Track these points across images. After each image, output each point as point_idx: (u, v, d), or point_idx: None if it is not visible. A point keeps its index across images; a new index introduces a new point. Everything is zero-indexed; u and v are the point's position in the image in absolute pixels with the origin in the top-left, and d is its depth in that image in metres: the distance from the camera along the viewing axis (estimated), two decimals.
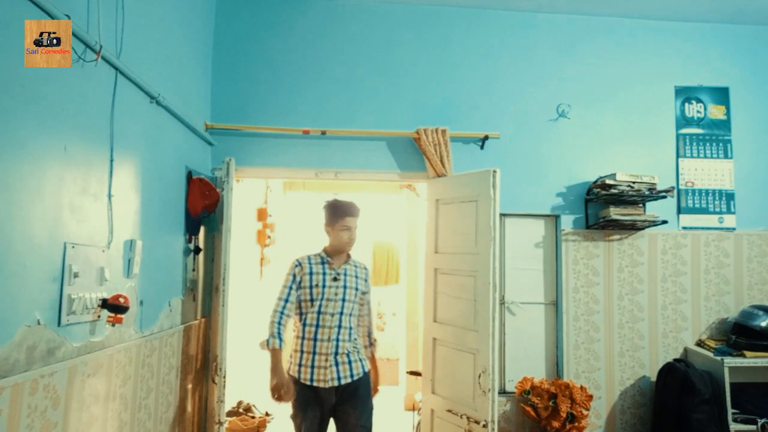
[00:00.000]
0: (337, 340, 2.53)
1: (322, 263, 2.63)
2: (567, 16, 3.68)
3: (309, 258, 2.65)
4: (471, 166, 3.41)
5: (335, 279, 2.59)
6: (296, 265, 2.62)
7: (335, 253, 2.66)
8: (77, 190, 1.74)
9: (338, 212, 2.61)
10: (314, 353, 2.51)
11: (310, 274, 2.59)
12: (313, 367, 2.51)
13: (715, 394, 3.09)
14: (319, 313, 2.54)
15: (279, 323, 2.50)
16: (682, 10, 3.62)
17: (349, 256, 2.71)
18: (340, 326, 2.54)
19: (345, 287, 2.59)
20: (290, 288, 2.58)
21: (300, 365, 2.53)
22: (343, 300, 2.57)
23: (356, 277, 2.67)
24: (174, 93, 2.61)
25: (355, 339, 2.63)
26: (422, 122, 3.44)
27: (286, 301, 2.56)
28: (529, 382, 3.25)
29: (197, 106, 3.15)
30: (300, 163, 3.43)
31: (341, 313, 2.56)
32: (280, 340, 2.48)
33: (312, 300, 2.56)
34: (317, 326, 2.52)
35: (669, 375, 3.26)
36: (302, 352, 2.54)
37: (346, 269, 2.65)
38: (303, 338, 2.55)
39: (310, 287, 2.57)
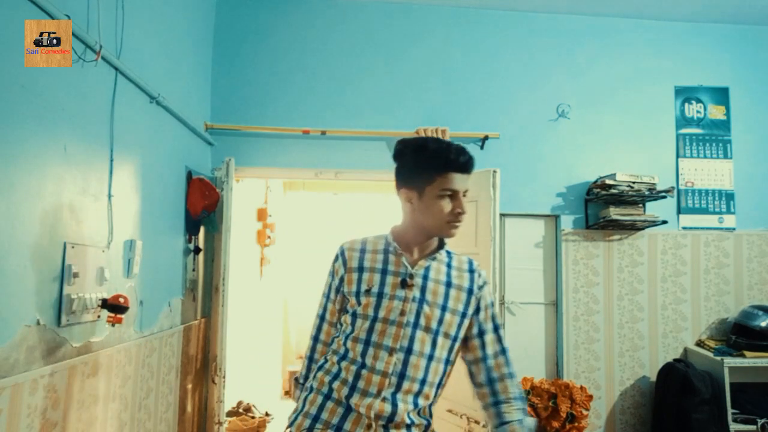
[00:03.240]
0: (395, 400, 1.30)
1: (385, 252, 1.41)
2: (567, 16, 3.68)
3: (363, 243, 1.45)
4: None
5: (405, 284, 1.35)
6: (338, 255, 1.46)
7: (415, 239, 1.40)
8: (77, 190, 1.74)
9: (437, 160, 1.33)
10: (347, 408, 1.33)
11: (360, 270, 1.40)
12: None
13: (715, 395, 3.09)
14: (367, 343, 1.34)
15: (310, 359, 1.50)
16: (683, 10, 3.62)
17: (441, 246, 1.44)
18: (403, 376, 1.31)
19: (423, 302, 1.34)
20: (327, 297, 1.48)
21: (313, 419, 1.35)
22: (416, 325, 1.33)
23: (451, 286, 1.39)
24: (174, 93, 2.61)
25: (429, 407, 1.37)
26: (422, 122, 3.44)
27: (322, 319, 1.49)
28: (529, 382, 3.25)
29: (197, 106, 3.14)
30: (300, 163, 3.43)
31: (409, 352, 1.32)
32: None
33: (356, 318, 1.37)
34: (361, 365, 1.33)
35: (669, 375, 3.26)
36: (325, 396, 1.36)
37: (429, 268, 1.39)
38: (335, 374, 1.37)
39: (357, 293, 1.38)
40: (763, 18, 3.69)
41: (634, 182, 3.31)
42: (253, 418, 3.97)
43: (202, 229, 3.09)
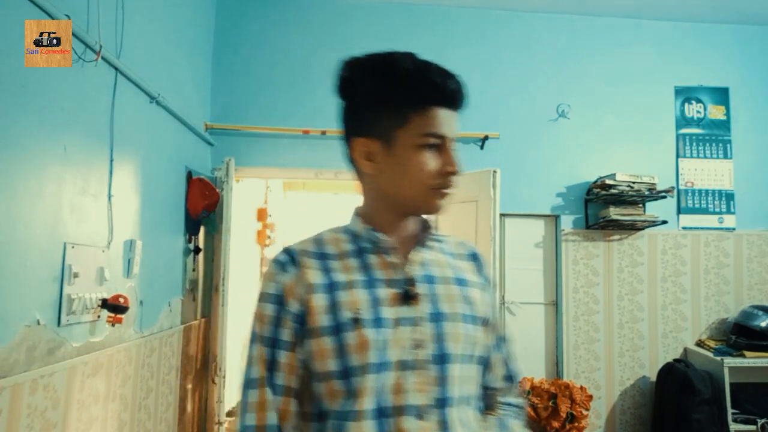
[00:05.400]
0: None
1: (357, 251, 0.89)
2: (567, 16, 3.68)
3: (319, 243, 0.92)
4: (471, 166, 3.40)
5: (407, 297, 0.84)
6: (284, 264, 0.87)
7: (386, 220, 0.90)
8: (77, 190, 1.74)
9: (413, 88, 0.85)
10: None
11: (330, 287, 0.84)
12: None
13: (714, 395, 3.09)
14: (380, 414, 0.79)
15: None
16: (683, 10, 3.62)
17: (427, 228, 0.94)
18: None
19: (440, 318, 0.84)
20: (273, 342, 0.84)
21: None
22: (443, 359, 0.82)
23: (465, 283, 0.91)
24: (174, 93, 2.61)
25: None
26: None
27: (270, 386, 0.82)
28: (528, 382, 3.25)
29: (197, 106, 3.14)
30: (300, 163, 3.43)
31: (444, 404, 0.81)
32: None
33: (349, 375, 0.80)
34: None
35: (669, 375, 3.26)
36: None
37: (427, 262, 0.90)
38: None
39: (335, 328, 0.81)
40: (763, 18, 3.69)
41: (634, 182, 3.31)
42: None
43: (202, 229, 3.09)
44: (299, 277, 0.85)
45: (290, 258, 0.87)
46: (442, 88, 0.85)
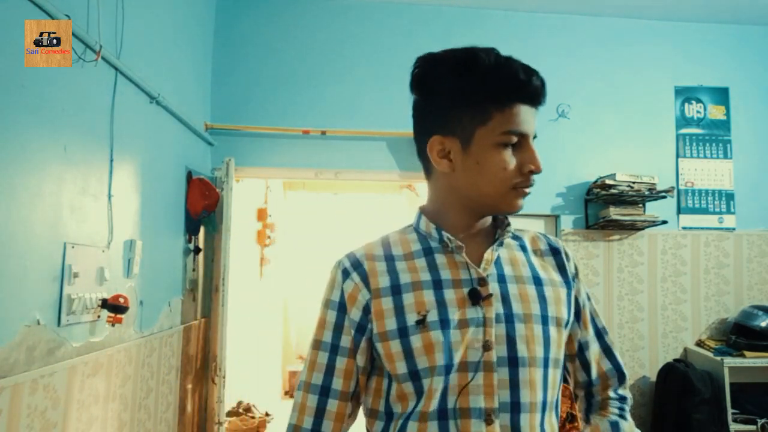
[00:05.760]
0: None
1: (425, 251, 0.87)
2: (567, 16, 3.68)
3: (385, 244, 0.90)
4: None
5: (477, 298, 0.81)
6: (348, 270, 0.87)
7: (461, 220, 0.89)
8: (77, 190, 1.74)
9: (497, 85, 0.82)
10: None
11: (396, 290, 0.84)
12: None
13: (714, 394, 3.09)
14: (443, 415, 0.78)
15: None
16: (683, 10, 3.62)
17: (502, 225, 0.93)
18: None
19: (512, 319, 0.82)
20: (333, 347, 0.86)
21: None
22: (514, 362, 0.80)
23: (542, 282, 0.88)
24: (174, 93, 2.61)
25: None
26: None
27: (324, 393, 0.85)
28: None
29: (197, 106, 3.14)
30: (300, 163, 3.42)
31: (516, 409, 0.79)
32: None
33: (416, 378, 0.80)
34: None
35: (669, 375, 3.26)
36: None
37: (501, 261, 0.88)
38: None
39: (402, 331, 0.81)
40: (763, 18, 3.69)
41: (634, 182, 3.31)
42: (253, 418, 3.97)
43: (202, 229, 3.09)
44: (362, 282, 0.85)
45: (352, 263, 0.87)
46: (526, 85, 0.82)
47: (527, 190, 0.86)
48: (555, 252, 0.95)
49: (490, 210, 0.89)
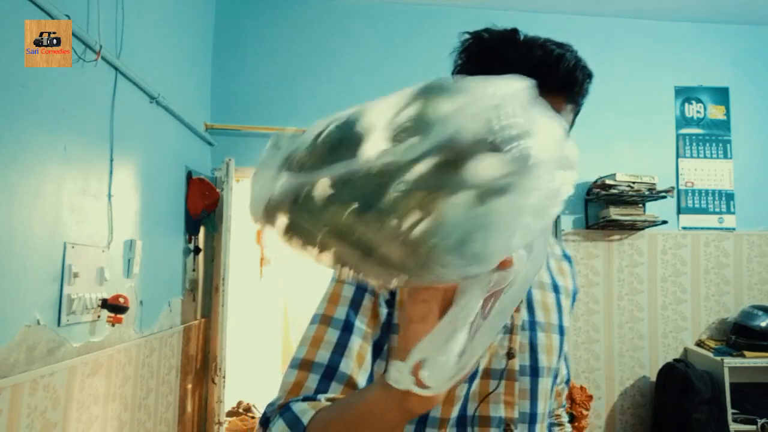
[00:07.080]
0: None
1: None
2: (567, 16, 3.68)
3: None
4: None
5: None
6: None
7: None
8: (77, 190, 1.74)
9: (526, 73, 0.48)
10: None
11: None
12: None
13: (714, 394, 3.09)
14: (462, 424, 0.75)
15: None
16: (682, 10, 3.62)
17: None
18: None
19: (536, 327, 0.82)
20: (348, 324, 0.71)
21: None
22: (536, 372, 0.80)
23: (559, 290, 0.89)
24: (174, 93, 2.61)
25: None
26: None
27: (331, 372, 0.68)
28: None
29: (197, 106, 3.14)
30: None
31: (533, 420, 0.79)
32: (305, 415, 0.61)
33: None
34: None
35: (669, 375, 3.26)
36: None
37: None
38: None
39: None
40: (763, 18, 3.69)
41: (634, 182, 3.31)
42: (253, 418, 3.97)
43: (202, 229, 3.09)
44: None
45: None
46: (571, 76, 0.74)
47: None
48: (568, 258, 0.95)
49: None
